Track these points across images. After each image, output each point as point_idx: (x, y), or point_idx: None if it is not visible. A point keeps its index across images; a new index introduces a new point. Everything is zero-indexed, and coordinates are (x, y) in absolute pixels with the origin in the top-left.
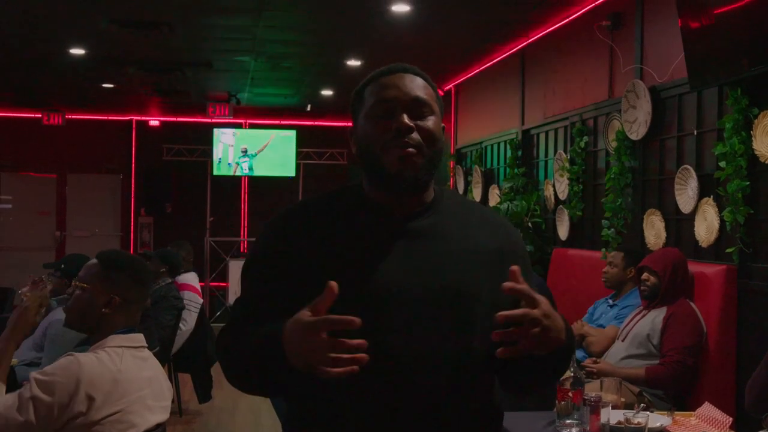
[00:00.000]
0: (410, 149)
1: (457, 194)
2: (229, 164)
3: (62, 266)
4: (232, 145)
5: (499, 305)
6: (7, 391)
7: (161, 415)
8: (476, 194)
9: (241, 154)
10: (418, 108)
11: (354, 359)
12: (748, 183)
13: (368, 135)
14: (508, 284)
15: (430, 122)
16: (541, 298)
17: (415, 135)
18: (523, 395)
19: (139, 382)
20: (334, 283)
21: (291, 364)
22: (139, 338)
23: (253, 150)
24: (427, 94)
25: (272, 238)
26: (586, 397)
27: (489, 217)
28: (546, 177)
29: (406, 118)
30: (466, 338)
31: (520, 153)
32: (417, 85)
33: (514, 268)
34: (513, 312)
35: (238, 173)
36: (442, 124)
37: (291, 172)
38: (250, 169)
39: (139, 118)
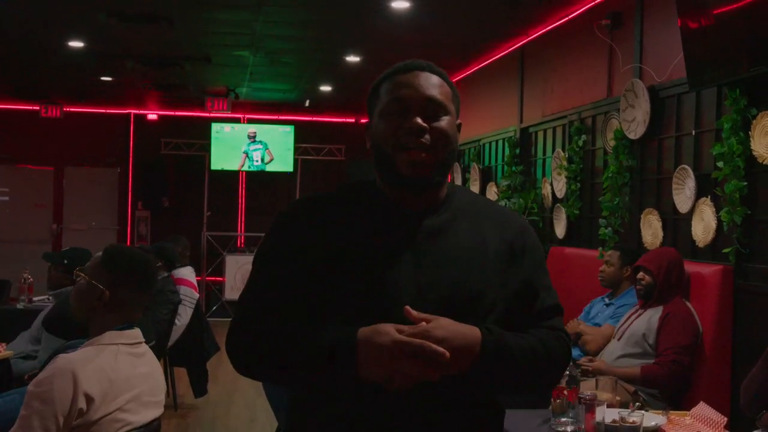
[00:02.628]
0: (422, 153)
1: (469, 191)
2: (243, 152)
3: (65, 261)
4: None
5: (507, 302)
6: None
7: (156, 411)
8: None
9: (250, 141)
10: (432, 108)
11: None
12: (745, 183)
13: (381, 133)
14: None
15: (444, 123)
16: (435, 325)
17: (427, 136)
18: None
19: (135, 380)
20: (416, 314)
21: (359, 372)
22: (135, 335)
23: (262, 138)
24: (442, 93)
25: (287, 231)
26: (581, 396)
27: (500, 214)
28: (544, 175)
29: (419, 119)
30: None
31: (518, 151)
32: (432, 84)
33: (407, 308)
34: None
35: (245, 168)
36: (459, 122)
37: (289, 167)
38: (262, 161)
39: (137, 111)
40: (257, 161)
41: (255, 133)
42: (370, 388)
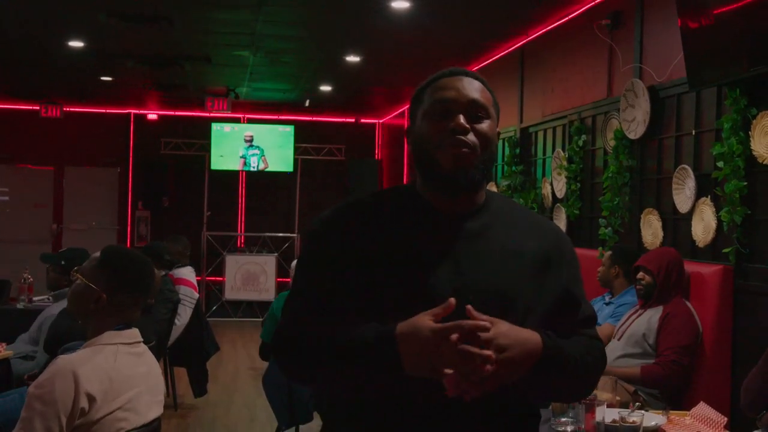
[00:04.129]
0: (465, 149)
1: (506, 198)
2: (240, 156)
3: (62, 262)
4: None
5: (541, 308)
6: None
7: (156, 410)
8: None
9: (247, 145)
10: (474, 110)
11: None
12: (745, 183)
13: (425, 134)
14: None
15: (486, 125)
16: (497, 332)
17: (470, 136)
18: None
19: (135, 379)
20: (452, 300)
21: (405, 367)
22: (133, 334)
23: (258, 143)
24: (484, 97)
25: (328, 236)
26: None
27: (538, 222)
28: (544, 175)
29: (462, 119)
30: None
31: (518, 151)
32: (475, 88)
33: (468, 307)
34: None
35: (245, 168)
36: (498, 130)
37: (289, 167)
38: (257, 167)
39: (137, 111)
40: (254, 167)
41: (252, 136)
42: (409, 391)
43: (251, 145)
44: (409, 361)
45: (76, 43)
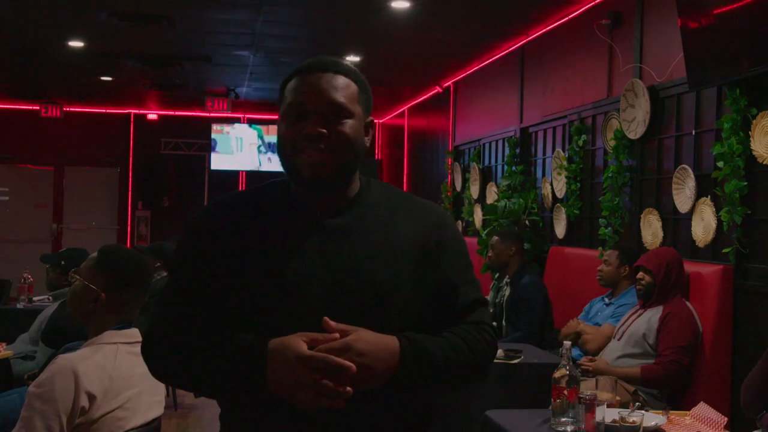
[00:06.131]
0: (322, 154)
1: (388, 186)
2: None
3: (62, 262)
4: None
5: (420, 298)
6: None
7: (156, 410)
8: (474, 192)
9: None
10: (332, 112)
11: (340, 394)
12: (745, 183)
13: (282, 136)
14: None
15: (346, 126)
16: (355, 337)
17: (327, 141)
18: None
19: (134, 378)
20: (334, 325)
21: (268, 388)
22: (133, 333)
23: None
24: (346, 95)
25: (197, 232)
26: (581, 396)
27: (417, 209)
28: (544, 175)
29: (316, 125)
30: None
31: (518, 151)
32: (335, 86)
33: (325, 319)
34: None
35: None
36: (369, 119)
37: None
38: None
39: (137, 111)
40: (254, 167)
41: (252, 137)
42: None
43: (252, 145)
44: (273, 381)
45: (76, 43)
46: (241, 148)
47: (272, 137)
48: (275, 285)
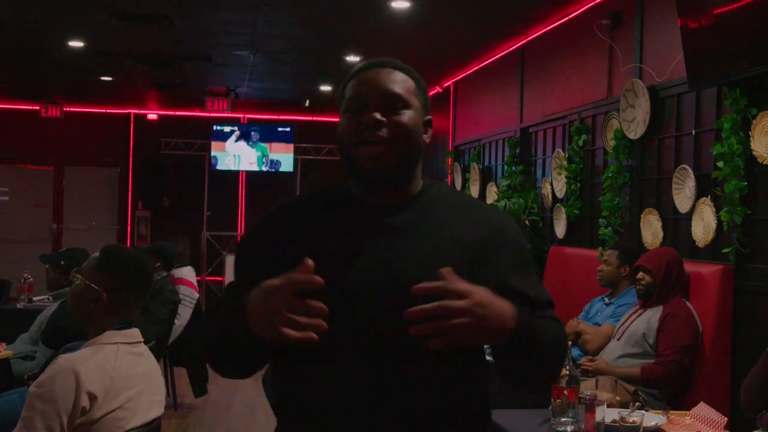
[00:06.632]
0: (380, 145)
1: (447, 187)
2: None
3: (62, 262)
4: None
5: None
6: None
7: (156, 410)
8: (474, 191)
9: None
10: (391, 103)
11: (312, 324)
12: (745, 183)
13: (343, 131)
14: (420, 286)
15: (404, 117)
16: (475, 290)
17: (385, 130)
18: (523, 388)
19: (135, 378)
20: (309, 260)
21: (254, 332)
22: (134, 333)
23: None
24: (403, 87)
25: (256, 235)
26: (581, 396)
27: (477, 211)
28: (544, 175)
29: (375, 114)
30: None
31: (518, 151)
32: (392, 79)
33: (443, 270)
34: (424, 306)
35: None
36: (428, 117)
37: (289, 167)
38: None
39: (137, 111)
40: (254, 167)
41: (252, 136)
42: (331, 391)
43: (252, 144)
44: (253, 322)
45: (76, 43)
46: (241, 148)
47: (277, 155)
48: (328, 285)
